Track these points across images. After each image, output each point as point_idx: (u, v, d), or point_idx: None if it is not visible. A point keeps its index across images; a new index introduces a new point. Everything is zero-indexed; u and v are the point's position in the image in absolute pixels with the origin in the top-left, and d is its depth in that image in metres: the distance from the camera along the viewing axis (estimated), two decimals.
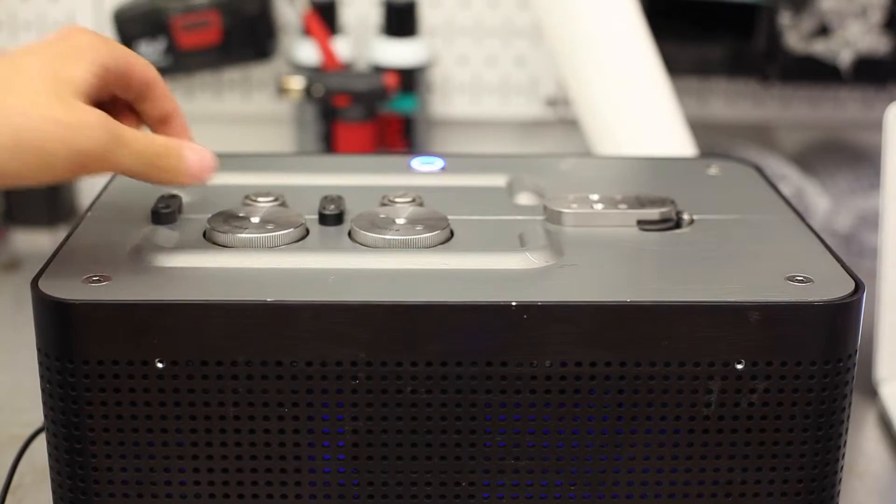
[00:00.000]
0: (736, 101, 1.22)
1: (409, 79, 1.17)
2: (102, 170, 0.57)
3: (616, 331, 0.56)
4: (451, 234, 0.64)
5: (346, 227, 0.65)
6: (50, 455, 0.58)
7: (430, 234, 0.63)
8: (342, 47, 1.17)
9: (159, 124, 0.63)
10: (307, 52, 1.17)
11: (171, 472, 0.57)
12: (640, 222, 0.66)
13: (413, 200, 0.67)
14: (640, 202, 0.67)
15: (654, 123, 0.97)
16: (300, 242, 0.63)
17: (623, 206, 0.67)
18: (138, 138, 0.58)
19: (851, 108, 1.22)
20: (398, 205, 0.67)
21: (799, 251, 0.63)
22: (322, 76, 1.13)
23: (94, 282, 0.57)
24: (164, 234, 0.63)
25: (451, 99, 1.24)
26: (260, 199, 0.66)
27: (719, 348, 0.56)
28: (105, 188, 0.71)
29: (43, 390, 0.57)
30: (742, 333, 0.56)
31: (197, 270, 0.59)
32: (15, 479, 0.70)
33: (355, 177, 0.73)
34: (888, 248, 0.86)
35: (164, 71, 1.14)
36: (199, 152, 0.61)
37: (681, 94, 1.02)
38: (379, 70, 1.16)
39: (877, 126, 0.88)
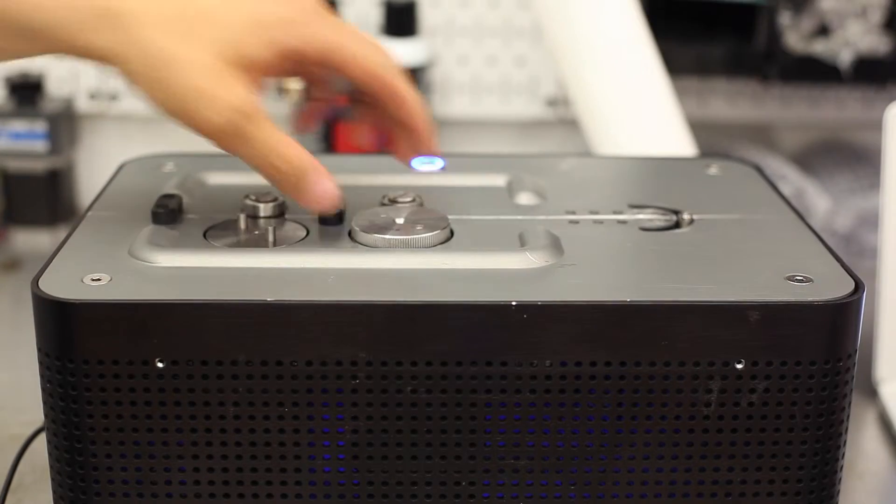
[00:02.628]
0: (736, 101, 1.22)
1: (409, 79, 1.17)
2: (228, 150, 0.58)
3: (616, 331, 0.56)
4: (451, 233, 0.64)
5: (346, 227, 0.65)
6: (50, 455, 0.58)
7: (430, 234, 0.63)
8: None
9: (399, 128, 0.63)
10: None
11: (171, 472, 0.57)
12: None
13: (413, 200, 0.67)
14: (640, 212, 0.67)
15: (653, 123, 0.97)
16: (300, 242, 0.63)
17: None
18: (262, 140, 0.58)
19: (851, 108, 1.22)
20: (398, 205, 0.67)
21: (799, 251, 0.63)
22: None
23: (94, 282, 0.57)
24: (164, 234, 0.63)
25: (451, 99, 1.24)
26: (260, 199, 0.66)
27: (719, 348, 0.56)
28: (105, 188, 0.71)
29: (43, 390, 0.57)
30: (742, 333, 0.56)
31: (197, 270, 0.59)
32: (15, 479, 0.70)
33: (355, 177, 0.73)
34: (888, 248, 0.86)
35: None
36: (323, 184, 0.60)
37: (681, 94, 1.02)
38: None
39: (877, 126, 0.88)
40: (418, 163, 0.76)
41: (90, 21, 0.56)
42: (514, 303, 0.55)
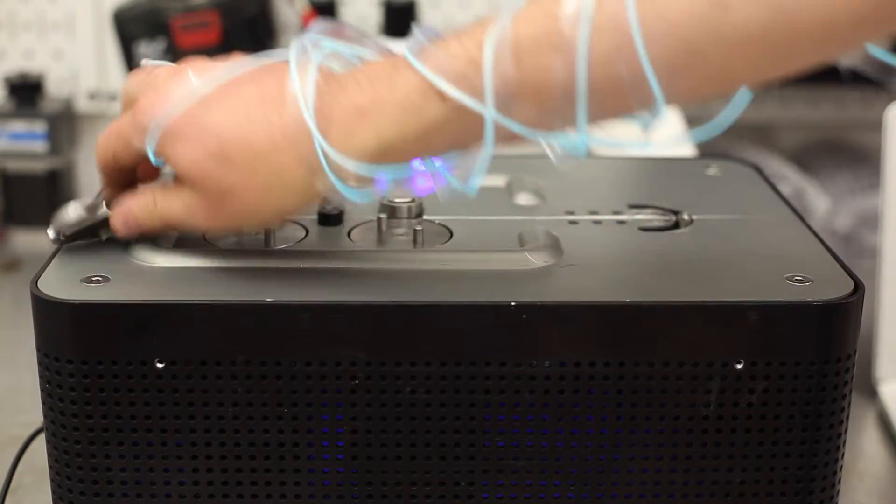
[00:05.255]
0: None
1: None
2: None
3: (616, 331, 0.56)
4: (451, 234, 0.64)
5: (345, 227, 0.65)
6: (49, 455, 0.58)
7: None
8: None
9: None
10: None
11: (171, 472, 0.57)
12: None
13: (412, 200, 0.67)
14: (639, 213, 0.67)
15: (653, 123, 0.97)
16: (300, 242, 0.63)
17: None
18: None
19: (851, 108, 1.22)
20: (398, 205, 0.67)
21: (798, 251, 0.63)
22: None
23: (93, 282, 0.57)
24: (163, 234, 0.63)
25: None
26: None
27: (719, 348, 0.56)
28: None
29: (42, 390, 0.57)
30: (741, 333, 0.56)
31: (197, 270, 0.59)
32: (15, 479, 0.70)
33: None
34: (888, 248, 0.86)
35: None
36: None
37: None
38: None
39: (876, 126, 0.88)
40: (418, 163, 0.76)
41: None
42: (513, 303, 0.55)
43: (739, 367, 0.56)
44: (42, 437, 0.59)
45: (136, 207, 0.60)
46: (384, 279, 0.58)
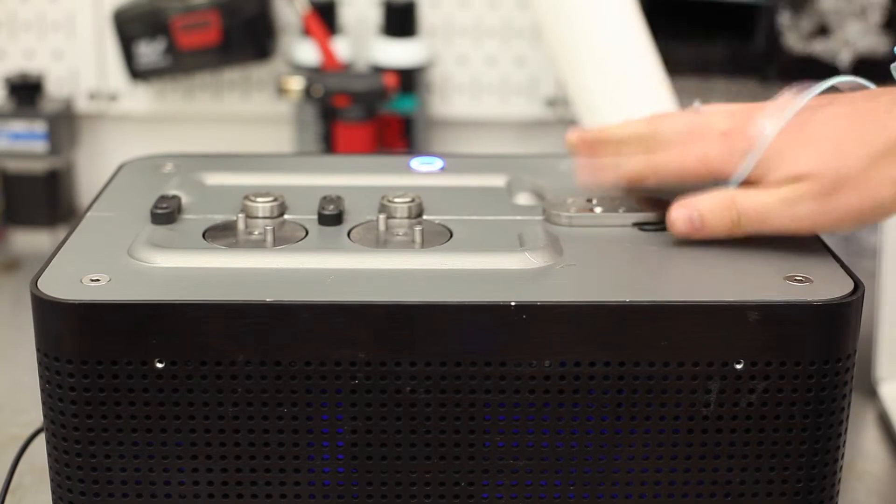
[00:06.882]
0: (736, 101, 1.21)
1: (409, 79, 1.17)
2: None
3: (615, 331, 0.56)
4: (451, 234, 0.64)
5: (345, 227, 0.65)
6: (49, 455, 0.58)
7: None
8: (342, 47, 1.17)
9: None
10: (307, 52, 1.17)
11: (171, 472, 0.57)
12: (639, 225, 0.66)
13: (412, 200, 0.67)
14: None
15: None
16: (300, 242, 0.63)
17: (622, 209, 0.67)
18: None
19: None
20: (398, 205, 0.67)
21: (798, 251, 0.62)
22: (322, 76, 1.13)
23: (93, 282, 0.57)
24: (163, 234, 0.63)
25: (450, 99, 1.24)
26: (259, 199, 0.66)
27: (719, 348, 0.56)
28: (105, 188, 0.71)
29: (42, 390, 0.57)
30: (741, 333, 0.56)
31: (197, 270, 0.59)
32: (15, 479, 0.70)
33: (355, 177, 0.73)
34: (888, 248, 0.86)
35: (163, 71, 1.15)
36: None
37: (681, 94, 1.02)
38: (378, 70, 1.16)
39: None
40: (418, 163, 0.76)
41: None
42: (513, 303, 0.55)
43: (739, 367, 0.56)
44: (42, 437, 0.59)
45: (707, 206, 0.62)
46: (384, 279, 0.58)
